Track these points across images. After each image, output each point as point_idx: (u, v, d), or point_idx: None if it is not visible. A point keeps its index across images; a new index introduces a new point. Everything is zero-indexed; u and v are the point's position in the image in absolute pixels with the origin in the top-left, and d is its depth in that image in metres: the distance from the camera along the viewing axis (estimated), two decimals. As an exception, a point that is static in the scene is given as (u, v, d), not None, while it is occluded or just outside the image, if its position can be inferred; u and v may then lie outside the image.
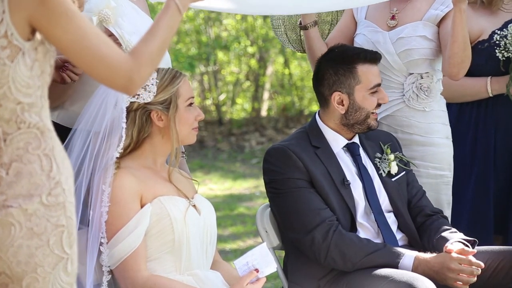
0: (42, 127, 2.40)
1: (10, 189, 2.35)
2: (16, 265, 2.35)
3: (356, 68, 3.78)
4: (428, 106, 4.17)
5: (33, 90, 2.39)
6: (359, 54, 3.80)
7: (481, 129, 4.39)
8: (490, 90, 4.32)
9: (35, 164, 2.37)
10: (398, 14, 4.21)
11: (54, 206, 2.38)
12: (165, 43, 2.58)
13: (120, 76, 2.45)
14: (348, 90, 3.78)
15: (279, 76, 14.14)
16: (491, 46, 4.32)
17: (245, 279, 3.25)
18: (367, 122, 3.79)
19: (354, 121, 3.80)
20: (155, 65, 2.54)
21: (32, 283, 2.37)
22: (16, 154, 2.36)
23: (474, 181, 4.38)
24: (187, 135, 3.42)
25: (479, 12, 4.39)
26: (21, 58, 2.35)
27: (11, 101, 2.36)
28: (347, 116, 3.80)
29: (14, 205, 2.34)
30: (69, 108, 3.81)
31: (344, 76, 3.78)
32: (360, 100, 3.78)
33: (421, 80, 4.15)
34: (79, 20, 2.39)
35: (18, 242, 2.34)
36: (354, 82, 3.78)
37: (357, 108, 3.78)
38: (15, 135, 2.37)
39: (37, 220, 2.36)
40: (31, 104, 2.38)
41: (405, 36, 4.13)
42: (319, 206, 3.68)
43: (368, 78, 3.78)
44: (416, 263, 3.59)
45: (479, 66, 4.35)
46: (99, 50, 2.41)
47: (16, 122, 2.37)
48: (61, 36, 2.38)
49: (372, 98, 3.80)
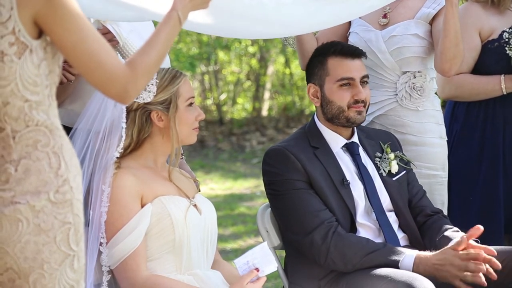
0: (51, 125, 2.42)
1: (18, 185, 2.36)
2: (23, 261, 2.37)
3: (327, 60, 3.79)
4: (421, 106, 4.17)
5: (41, 88, 2.40)
6: (331, 48, 3.81)
7: (489, 128, 4.38)
8: (504, 88, 4.32)
9: (44, 161, 2.39)
10: (390, 12, 4.22)
11: (61, 203, 2.40)
12: (163, 54, 2.59)
13: (115, 85, 2.47)
14: (320, 82, 3.81)
15: (280, 76, 14.15)
16: (501, 45, 4.31)
17: (246, 278, 3.24)
18: (343, 115, 3.77)
19: (331, 115, 3.80)
20: (151, 76, 2.56)
21: (38, 279, 2.38)
22: (25, 151, 2.38)
23: (482, 180, 4.36)
24: (188, 135, 3.42)
25: (489, 11, 4.39)
26: (28, 55, 2.37)
27: (18, 99, 2.37)
28: (323, 110, 3.81)
29: (22, 201, 2.35)
30: (69, 107, 3.82)
31: (317, 67, 3.81)
32: (329, 92, 3.79)
33: (414, 79, 4.15)
34: (83, 23, 2.41)
35: (25, 238, 2.36)
36: (324, 73, 3.80)
37: (328, 101, 3.79)
38: (24, 132, 2.38)
39: (44, 216, 2.38)
40: (38, 103, 2.40)
41: (397, 35, 4.14)
42: (318, 207, 3.68)
43: (337, 70, 3.78)
44: (416, 262, 3.58)
45: (490, 66, 4.34)
46: (98, 55, 2.43)
47: (24, 120, 2.39)
48: (63, 36, 2.39)
49: (341, 92, 3.77)
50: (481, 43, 4.35)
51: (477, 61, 4.37)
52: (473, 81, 4.32)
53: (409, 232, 3.83)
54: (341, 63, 3.78)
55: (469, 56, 4.34)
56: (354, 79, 3.77)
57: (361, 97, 3.77)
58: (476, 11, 4.37)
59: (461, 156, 4.38)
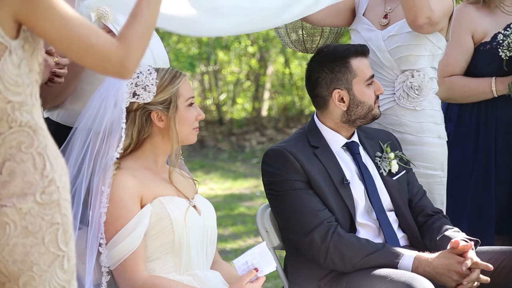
0: (34, 126, 2.39)
1: (3, 188, 2.34)
2: (12, 263, 2.35)
3: (350, 62, 3.79)
4: (419, 105, 4.17)
5: (22, 88, 2.37)
6: (350, 49, 3.81)
7: (482, 129, 4.38)
8: (495, 91, 4.32)
9: (28, 163, 2.36)
10: (391, 13, 4.23)
11: (48, 204, 2.38)
12: (151, 23, 2.53)
13: (112, 63, 2.44)
14: (347, 85, 3.79)
15: (280, 76, 14.15)
16: (493, 48, 4.32)
17: (245, 278, 3.24)
18: (371, 114, 3.82)
19: (356, 116, 3.80)
20: (144, 46, 2.51)
21: (28, 281, 2.36)
22: (9, 153, 2.35)
23: (475, 181, 4.37)
24: (188, 135, 3.42)
25: (483, 13, 4.39)
26: (8, 56, 2.34)
27: (1, 100, 2.34)
28: (348, 113, 3.80)
29: (8, 204, 2.33)
30: (69, 107, 3.81)
31: (340, 72, 3.79)
32: (359, 93, 3.79)
33: (411, 78, 4.14)
34: (65, 12, 2.37)
35: (13, 240, 2.34)
36: (351, 76, 3.79)
37: (358, 103, 3.79)
38: (7, 134, 2.36)
39: (31, 218, 2.35)
40: (21, 103, 2.37)
41: (395, 34, 4.15)
42: (317, 207, 3.68)
43: (363, 70, 3.80)
44: (416, 263, 3.58)
45: (482, 68, 4.35)
46: (87, 39, 2.40)
47: (7, 121, 2.36)
48: (49, 29, 2.36)
49: (369, 90, 3.81)
50: (474, 46, 4.36)
51: (470, 63, 4.38)
52: (464, 83, 4.33)
53: (409, 232, 3.83)
54: (363, 63, 3.81)
55: (462, 58, 4.36)
56: (373, 76, 3.84)
57: (382, 91, 3.85)
58: (470, 13, 4.38)
59: (455, 156, 4.38)
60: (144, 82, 3.33)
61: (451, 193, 4.37)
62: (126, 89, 3.31)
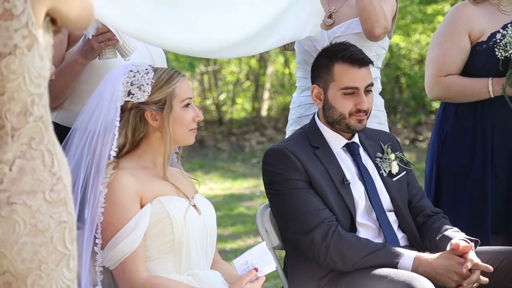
0: (47, 121, 2.39)
1: (13, 185, 2.33)
2: (20, 262, 2.34)
3: (334, 65, 3.76)
4: None
5: (42, 80, 2.37)
6: (340, 52, 3.77)
7: (479, 129, 4.38)
8: (491, 91, 4.32)
9: (38, 160, 2.36)
10: (335, 13, 4.24)
11: (56, 202, 2.37)
12: None
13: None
14: (324, 85, 3.79)
15: (279, 76, 14.16)
16: (489, 47, 4.31)
17: (245, 278, 3.24)
18: (344, 122, 3.76)
19: (332, 120, 3.78)
20: None
21: (36, 280, 2.36)
22: (20, 150, 2.35)
23: (472, 181, 4.37)
24: (184, 135, 3.40)
25: (480, 12, 4.38)
26: (36, 47, 2.34)
27: (24, 93, 2.34)
28: (324, 113, 3.80)
29: (18, 202, 2.32)
30: (68, 108, 3.82)
31: (323, 70, 3.79)
32: (332, 98, 3.77)
33: None
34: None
35: (22, 239, 2.33)
36: (330, 78, 3.77)
37: (330, 106, 3.77)
38: (23, 130, 2.35)
39: (41, 216, 2.35)
40: (40, 96, 2.37)
41: (341, 35, 4.16)
42: (318, 206, 3.68)
43: (342, 78, 3.75)
44: (416, 263, 3.58)
45: (478, 67, 4.34)
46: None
47: (25, 115, 2.35)
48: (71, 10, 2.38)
49: (344, 100, 3.75)
50: (471, 45, 4.35)
51: (466, 62, 4.37)
52: (461, 83, 4.32)
53: (409, 232, 3.83)
54: (347, 71, 3.74)
55: (458, 58, 4.35)
56: (358, 89, 3.74)
57: (363, 107, 3.74)
58: (467, 12, 4.37)
59: (452, 156, 4.38)
60: (140, 81, 3.33)
61: (448, 193, 4.38)
62: (121, 88, 3.31)
